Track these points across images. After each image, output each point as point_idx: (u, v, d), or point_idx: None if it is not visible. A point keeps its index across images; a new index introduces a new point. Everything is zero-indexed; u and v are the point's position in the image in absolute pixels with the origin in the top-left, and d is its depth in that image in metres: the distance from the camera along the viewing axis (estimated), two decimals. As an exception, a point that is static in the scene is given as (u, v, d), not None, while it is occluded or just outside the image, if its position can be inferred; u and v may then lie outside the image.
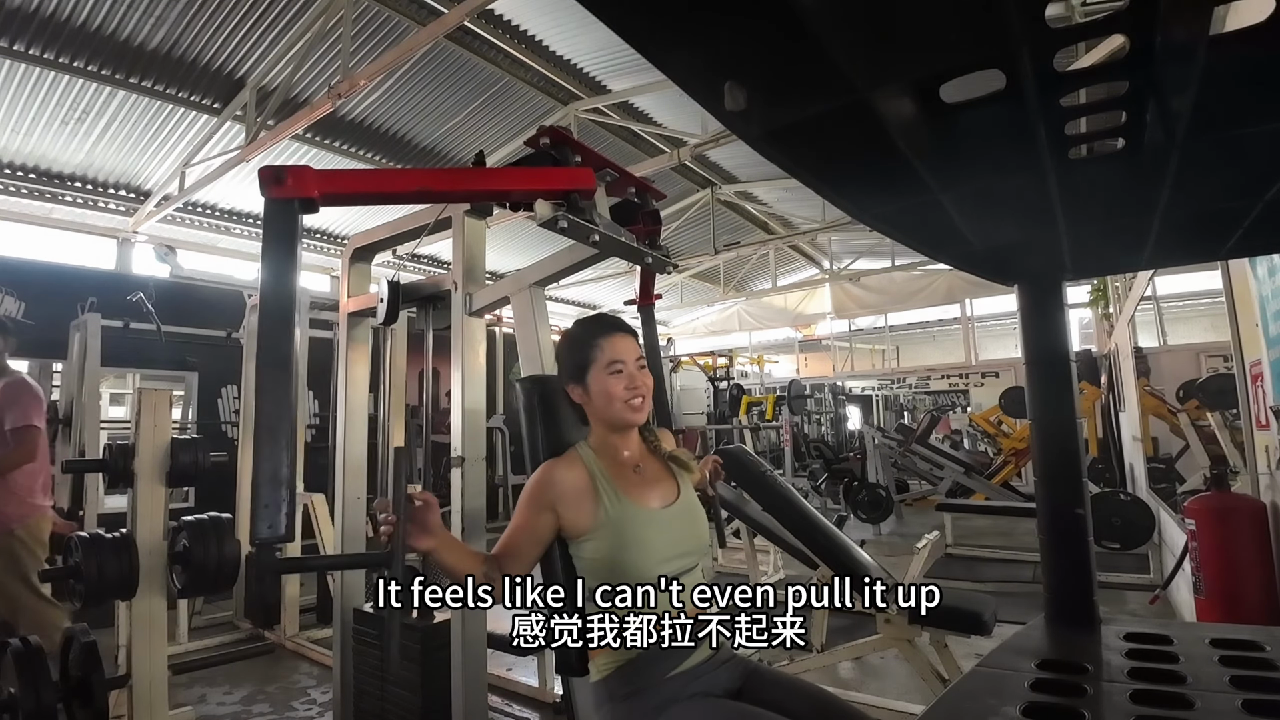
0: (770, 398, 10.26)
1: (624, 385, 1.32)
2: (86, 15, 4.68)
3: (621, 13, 0.44)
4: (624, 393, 1.31)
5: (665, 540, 1.30)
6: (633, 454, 1.39)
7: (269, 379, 1.18)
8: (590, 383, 1.33)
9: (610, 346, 1.33)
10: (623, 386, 1.31)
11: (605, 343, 1.33)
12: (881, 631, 2.63)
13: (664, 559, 1.28)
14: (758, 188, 9.54)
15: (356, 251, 2.65)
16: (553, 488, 1.29)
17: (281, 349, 1.19)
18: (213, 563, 2.37)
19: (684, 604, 1.26)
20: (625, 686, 1.25)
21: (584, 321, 1.42)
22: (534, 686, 3.07)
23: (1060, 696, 0.78)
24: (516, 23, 5.67)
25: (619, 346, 1.33)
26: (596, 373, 1.32)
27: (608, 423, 1.35)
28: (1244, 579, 2.57)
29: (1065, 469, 1.11)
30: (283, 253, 1.20)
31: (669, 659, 1.25)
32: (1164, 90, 0.54)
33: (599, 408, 1.34)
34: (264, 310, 1.21)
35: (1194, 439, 5.43)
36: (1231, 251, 1.05)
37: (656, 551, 1.28)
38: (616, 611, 1.26)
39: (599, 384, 1.32)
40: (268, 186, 1.21)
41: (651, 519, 1.31)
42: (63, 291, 5.61)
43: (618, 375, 1.32)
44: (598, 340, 1.33)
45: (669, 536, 1.31)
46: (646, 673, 1.24)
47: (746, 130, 0.58)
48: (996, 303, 13.17)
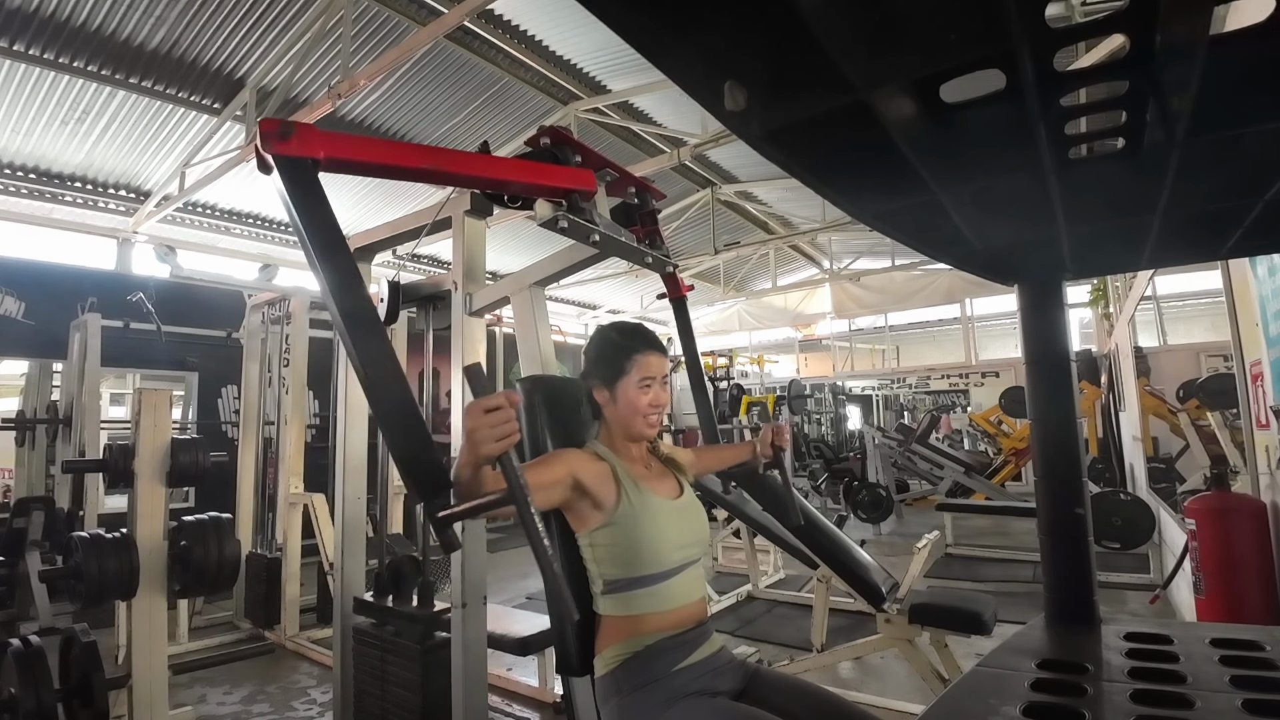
0: (770, 397, 10.26)
1: (649, 401, 1.39)
2: (86, 15, 4.68)
3: (621, 13, 0.44)
4: (648, 408, 1.39)
5: (679, 529, 1.37)
6: (641, 454, 1.46)
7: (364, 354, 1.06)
8: (619, 392, 1.39)
9: (646, 363, 1.39)
10: (647, 402, 1.39)
11: (642, 358, 1.39)
12: (881, 631, 2.63)
13: (679, 545, 1.35)
14: (758, 187, 9.55)
15: (356, 251, 2.65)
16: (573, 460, 1.32)
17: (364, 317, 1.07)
18: (213, 563, 2.38)
19: (692, 593, 1.36)
20: (634, 679, 1.26)
21: (622, 329, 1.47)
22: (534, 686, 3.07)
23: (1060, 696, 0.78)
24: (516, 23, 5.67)
25: (653, 364, 1.40)
26: (628, 384, 1.38)
27: (624, 431, 1.41)
28: (1244, 579, 2.56)
29: (1065, 469, 1.11)
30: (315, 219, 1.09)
31: (678, 651, 1.28)
32: (1164, 90, 0.54)
33: (622, 416, 1.40)
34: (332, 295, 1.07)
35: (1194, 439, 5.43)
36: (1231, 251, 1.05)
37: (673, 538, 1.34)
38: (631, 600, 1.30)
39: (628, 395, 1.38)
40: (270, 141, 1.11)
41: (667, 508, 1.38)
42: (63, 291, 5.61)
43: (646, 390, 1.39)
44: (634, 355, 1.39)
45: (681, 525, 1.38)
46: (655, 665, 1.26)
47: (746, 130, 0.58)
48: (996, 302, 13.18)
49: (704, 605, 1.41)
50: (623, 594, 1.31)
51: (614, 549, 1.31)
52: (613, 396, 1.40)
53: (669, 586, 1.32)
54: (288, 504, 4.12)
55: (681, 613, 1.33)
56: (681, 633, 1.32)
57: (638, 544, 1.30)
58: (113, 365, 5.18)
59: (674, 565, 1.33)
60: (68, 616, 3.12)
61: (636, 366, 1.38)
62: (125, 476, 2.46)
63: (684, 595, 1.34)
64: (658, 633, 1.29)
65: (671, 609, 1.32)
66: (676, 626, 1.32)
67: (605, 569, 1.32)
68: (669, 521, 1.35)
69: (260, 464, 4.59)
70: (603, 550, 1.32)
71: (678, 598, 1.33)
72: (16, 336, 5.39)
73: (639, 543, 1.30)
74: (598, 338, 1.48)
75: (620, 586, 1.31)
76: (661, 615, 1.31)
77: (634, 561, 1.29)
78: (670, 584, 1.32)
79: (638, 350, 1.39)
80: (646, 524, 1.32)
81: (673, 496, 1.42)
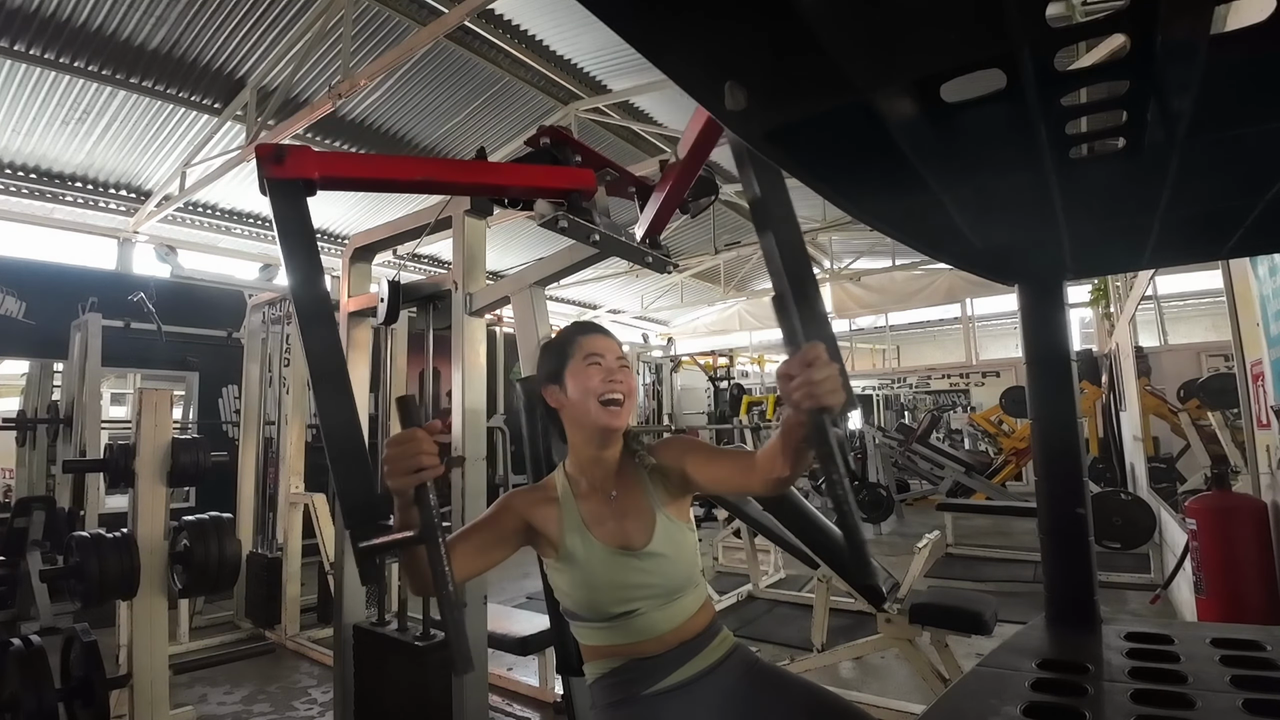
0: (771, 397, 10.24)
1: (601, 378, 1.21)
2: (87, 15, 4.68)
3: (621, 13, 0.44)
4: (601, 385, 1.21)
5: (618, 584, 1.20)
6: (608, 477, 1.27)
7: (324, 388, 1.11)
8: (567, 378, 1.23)
9: (588, 342, 1.25)
10: (599, 379, 1.21)
11: (583, 339, 1.26)
12: (882, 631, 2.63)
13: (620, 600, 1.20)
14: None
15: (357, 251, 2.65)
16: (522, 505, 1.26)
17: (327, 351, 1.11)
18: (213, 562, 2.38)
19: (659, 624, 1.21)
20: (607, 696, 1.23)
21: (564, 329, 1.37)
22: (534, 686, 3.07)
23: (1061, 696, 0.78)
24: (517, 22, 5.67)
25: (599, 343, 1.25)
26: (573, 365, 1.23)
27: (585, 428, 1.24)
28: (1245, 578, 2.56)
29: (1066, 468, 1.11)
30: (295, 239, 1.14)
31: (651, 675, 1.21)
32: (1165, 90, 0.54)
33: (576, 406, 1.23)
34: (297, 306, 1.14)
35: (1195, 438, 5.43)
36: (1232, 251, 1.05)
37: (612, 593, 1.20)
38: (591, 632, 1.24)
39: (575, 378, 1.22)
40: (266, 165, 1.16)
41: (613, 561, 1.21)
42: (63, 291, 5.61)
43: (595, 367, 1.22)
44: (575, 338, 1.27)
45: (627, 577, 1.20)
46: (626, 688, 1.22)
47: (746, 130, 0.58)
48: (997, 302, 13.18)
49: (692, 624, 1.24)
50: (579, 624, 1.26)
51: (558, 589, 1.26)
52: (562, 388, 1.24)
53: (614, 626, 1.21)
54: (288, 504, 4.13)
55: (649, 644, 1.21)
56: (653, 656, 1.21)
57: (576, 593, 1.22)
58: (113, 365, 5.19)
59: (615, 614, 1.19)
60: (68, 616, 3.12)
61: (577, 348, 1.24)
62: (126, 476, 2.46)
63: (640, 631, 1.21)
64: (621, 657, 1.22)
65: (635, 641, 1.21)
66: (645, 652, 1.21)
67: (562, 599, 1.27)
68: (612, 574, 1.20)
69: (261, 464, 4.59)
70: (555, 582, 1.27)
71: (632, 633, 1.21)
72: (17, 336, 5.39)
73: (576, 593, 1.22)
74: (540, 349, 1.38)
75: (574, 618, 1.26)
76: (627, 645, 1.22)
77: (579, 603, 1.22)
78: (616, 625, 1.20)
79: (576, 334, 1.28)
80: (584, 578, 1.20)
81: (629, 544, 1.22)
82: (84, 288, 5.75)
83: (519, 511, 1.24)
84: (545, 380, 1.29)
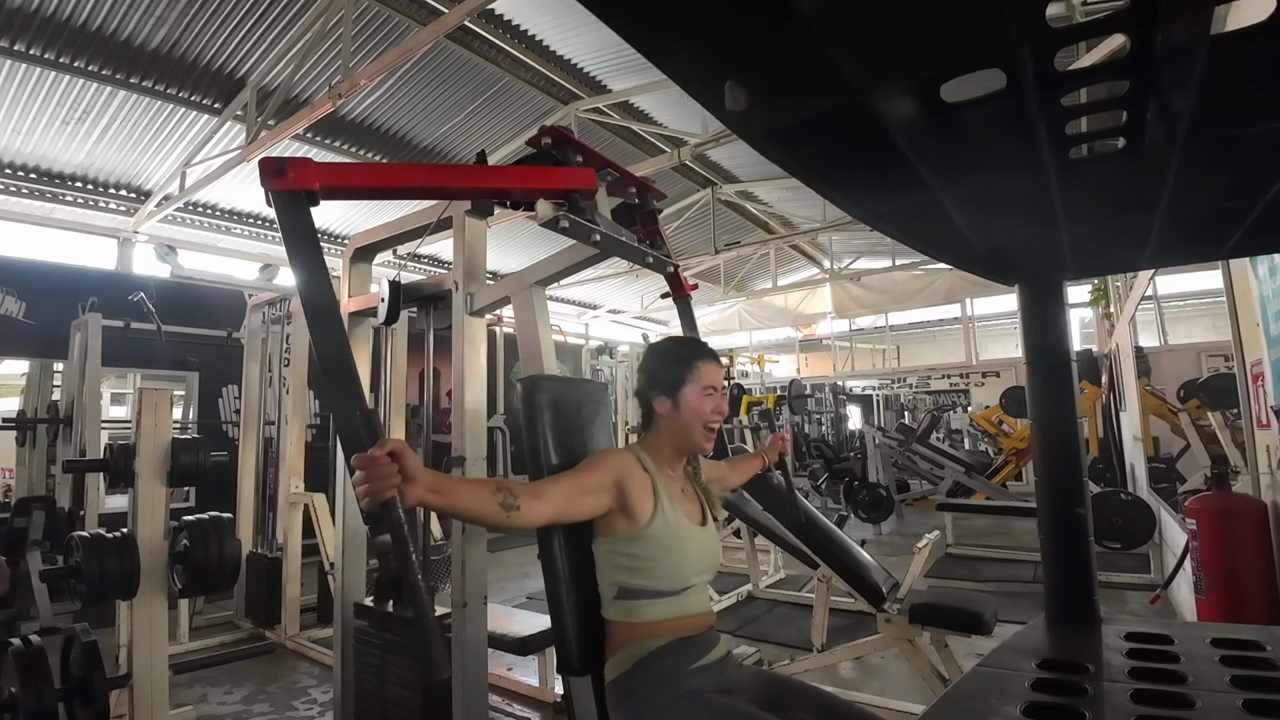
0: (771, 397, 10.25)
1: (712, 408, 1.41)
2: (87, 15, 4.68)
3: (621, 13, 0.44)
4: (711, 415, 1.41)
5: (699, 553, 1.40)
6: (678, 474, 1.48)
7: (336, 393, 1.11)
8: (683, 399, 1.40)
9: (709, 371, 1.42)
10: (710, 409, 1.41)
11: (704, 367, 1.42)
12: (882, 631, 2.63)
13: (697, 570, 1.39)
14: (758, 187, 9.54)
15: (357, 251, 2.65)
16: (621, 465, 1.35)
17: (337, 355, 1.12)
18: (213, 562, 2.37)
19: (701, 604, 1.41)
20: (649, 678, 1.28)
21: (680, 341, 1.55)
22: (534, 686, 3.07)
23: (1061, 696, 0.78)
24: (517, 22, 5.68)
25: (715, 373, 1.44)
26: (692, 391, 1.40)
27: (681, 441, 1.43)
28: (1245, 579, 2.56)
29: (1066, 468, 1.11)
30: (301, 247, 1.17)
31: (691, 652, 1.32)
32: (1165, 90, 0.54)
33: (685, 425, 1.41)
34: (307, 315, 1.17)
35: (1195, 438, 5.43)
36: (1232, 251, 1.05)
37: (693, 562, 1.38)
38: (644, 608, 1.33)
39: (691, 403, 1.40)
40: (268, 178, 1.19)
41: (694, 532, 1.40)
42: (63, 291, 5.60)
43: (710, 397, 1.41)
44: (696, 363, 1.42)
45: (701, 550, 1.41)
46: (670, 664, 1.28)
47: (747, 130, 0.58)
48: (997, 302, 13.19)
49: (712, 615, 1.44)
50: (636, 602, 1.34)
51: (637, 560, 1.33)
52: (675, 405, 1.41)
53: (681, 599, 1.36)
54: (288, 504, 4.12)
55: (690, 620, 1.37)
56: (692, 636, 1.35)
57: (663, 561, 1.33)
58: (113, 365, 5.18)
59: (690, 584, 1.37)
60: (68, 616, 3.12)
61: (698, 374, 1.41)
62: (126, 476, 2.46)
63: (694, 606, 1.38)
64: (670, 634, 1.32)
65: (681, 616, 1.36)
66: (687, 631, 1.35)
67: (623, 577, 1.34)
68: (693, 545, 1.38)
69: (261, 464, 4.59)
70: (625, 559, 1.34)
71: (688, 608, 1.37)
72: (17, 336, 5.39)
73: (664, 560, 1.33)
74: (656, 351, 1.52)
75: (635, 595, 1.33)
76: (672, 621, 1.34)
77: (655, 576, 1.33)
78: (682, 597, 1.36)
79: (699, 358, 1.43)
80: (675, 544, 1.35)
81: (698, 522, 1.45)
82: (84, 288, 5.74)
83: (615, 468, 1.34)
84: (659, 392, 1.43)
